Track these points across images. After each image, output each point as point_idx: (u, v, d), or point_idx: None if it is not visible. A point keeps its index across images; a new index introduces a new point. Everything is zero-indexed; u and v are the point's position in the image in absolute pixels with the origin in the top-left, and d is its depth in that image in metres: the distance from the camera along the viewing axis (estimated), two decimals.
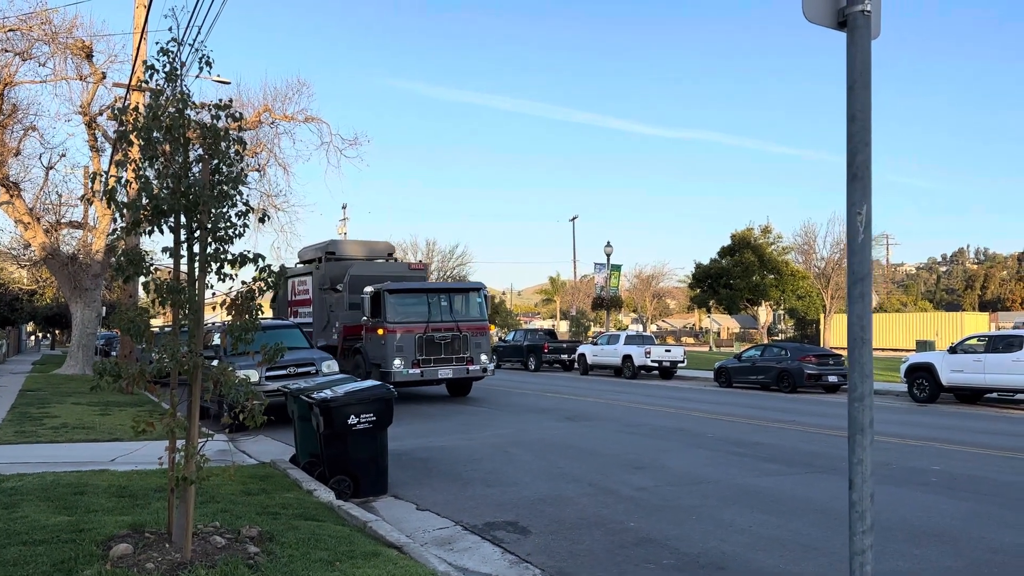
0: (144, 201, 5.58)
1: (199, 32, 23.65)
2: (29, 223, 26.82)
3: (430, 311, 19.32)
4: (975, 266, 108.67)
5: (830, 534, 7.04)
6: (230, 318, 5.95)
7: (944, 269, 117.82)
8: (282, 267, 5.90)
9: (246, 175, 6.08)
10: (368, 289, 19.43)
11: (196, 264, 5.73)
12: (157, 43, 5.87)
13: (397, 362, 18.60)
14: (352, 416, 8.81)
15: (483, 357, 19.63)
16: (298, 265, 25.04)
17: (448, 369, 19.20)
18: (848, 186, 4.01)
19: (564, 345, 36.26)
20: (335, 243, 23.11)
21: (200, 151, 5.80)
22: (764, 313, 60.88)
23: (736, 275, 54.50)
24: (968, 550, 6.61)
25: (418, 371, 18.86)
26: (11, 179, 26.64)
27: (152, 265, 5.87)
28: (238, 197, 5.80)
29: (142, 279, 5.76)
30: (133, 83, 19.74)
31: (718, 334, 78.06)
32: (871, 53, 3.99)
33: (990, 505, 8.15)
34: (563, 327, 67.91)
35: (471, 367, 19.41)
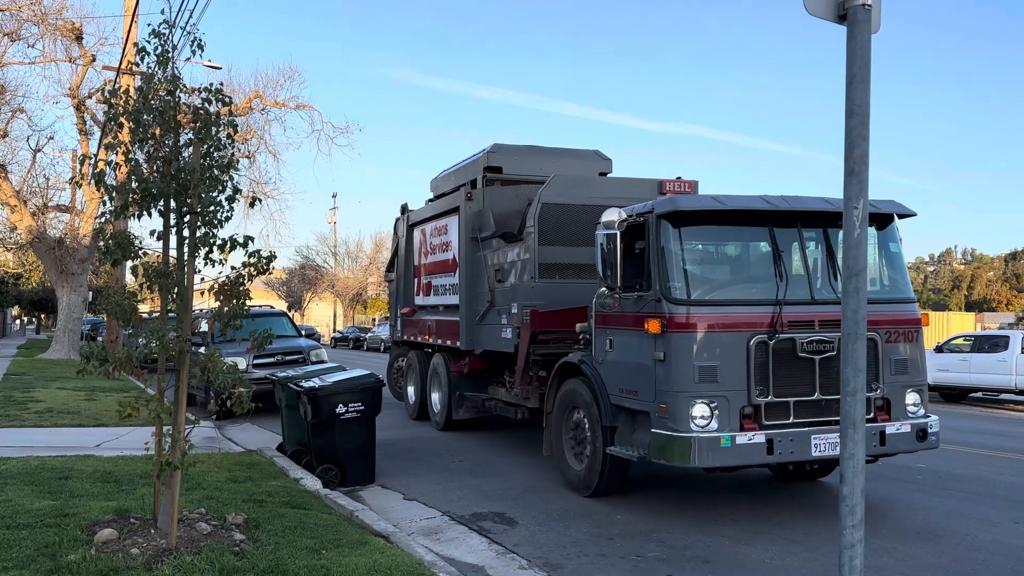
0: (134, 184, 5.53)
1: (191, 16, 23.51)
2: (16, 206, 26.58)
3: (782, 273, 7.54)
4: (962, 267, 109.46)
5: (817, 529, 7.06)
6: (218, 304, 5.91)
7: (931, 269, 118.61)
8: (271, 253, 5.84)
9: (237, 160, 6.04)
10: (612, 216, 7.61)
11: (185, 248, 5.68)
12: (148, 25, 5.84)
13: (701, 412, 6.99)
14: (340, 405, 8.77)
15: (911, 398, 7.75)
16: (429, 203, 14.28)
17: (834, 435, 7.05)
18: (845, 180, 4.05)
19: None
20: (501, 150, 12.35)
21: (190, 135, 5.76)
22: None
23: None
24: (951, 548, 6.65)
25: (760, 438, 7.04)
26: None
27: (140, 249, 5.83)
28: (228, 182, 5.76)
29: (130, 263, 5.71)
30: (123, 66, 19.57)
31: None
32: (871, 47, 4.00)
33: (974, 503, 8.20)
34: None
35: (890, 426, 7.51)
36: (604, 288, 7.81)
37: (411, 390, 14.46)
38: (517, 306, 10.28)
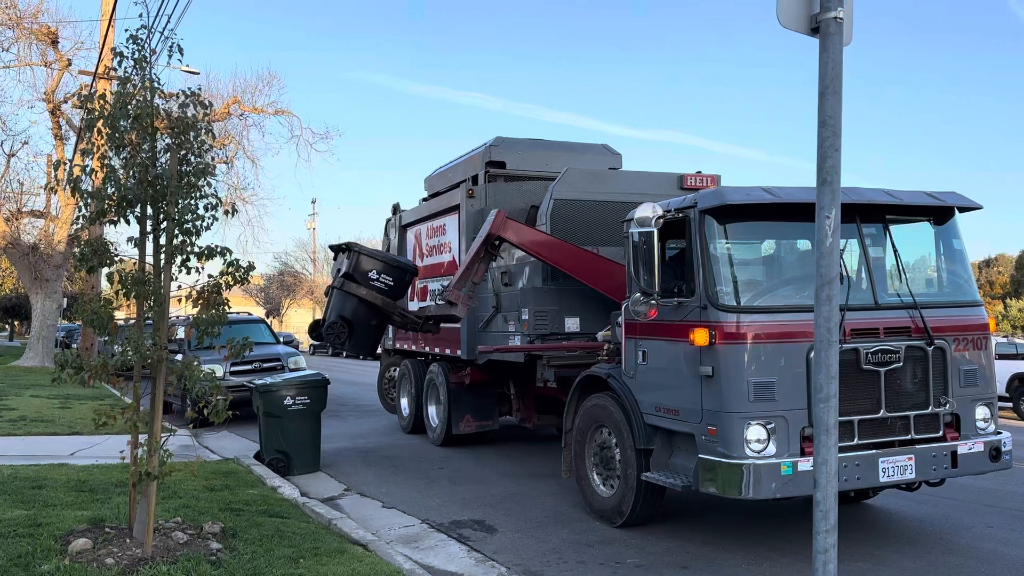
0: (109, 191, 5.50)
1: (169, 20, 23.36)
2: None
3: (842, 275, 5.70)
4: None
5: (793, 535, 7.13)
6: (195, 311, 5.88)
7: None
8: (250, 263, 5.82)
9: (214, 167, 6.02)
10: (646, 211, 6.65)
11: (162, 256, 5.66)
12: (126, 30, 5.80)
13: (757, 435, 6.09)
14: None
15: (981, 413, 6.93)
16: (424, 202, 13.59)
17: (903, 457, 6.41)
18: (817, 191, 4.14)
19: None
20: (504, 144, 11.74)
21: (168, 141, 5.73)
22: None
23: None
24: (926, 552, 6.74)
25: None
26: None
27: (116, 256, 5.79)
28: (206, 188, 5.75)
29: (106, 270, 5.68)
30: (100, 71, 19.43)
31: None
32: (843, 59, 4.08)
33: (947, 509, 8.31)
34: None
35: (961, 445, 6.65)
36: (638, 293, 6.70)
37: (405, 402, 13.46)
38: (527, 312, 9.65)
